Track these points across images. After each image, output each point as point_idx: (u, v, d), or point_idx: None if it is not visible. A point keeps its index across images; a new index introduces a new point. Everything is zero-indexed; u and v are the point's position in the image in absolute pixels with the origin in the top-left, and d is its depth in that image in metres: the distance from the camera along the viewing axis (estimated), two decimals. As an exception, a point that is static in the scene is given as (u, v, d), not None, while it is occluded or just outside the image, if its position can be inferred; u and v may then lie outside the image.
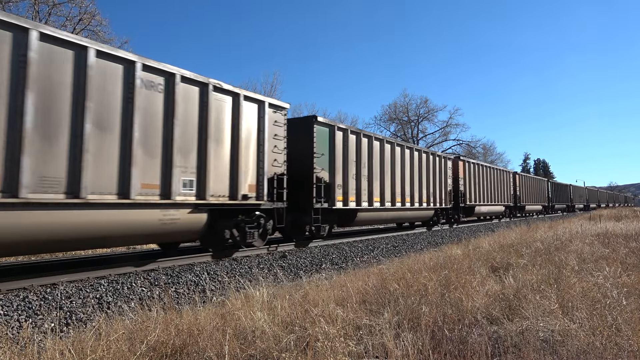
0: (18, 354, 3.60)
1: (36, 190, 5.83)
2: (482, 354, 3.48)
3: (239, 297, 5.29)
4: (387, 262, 9.92)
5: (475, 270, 6.76)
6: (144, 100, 7.21)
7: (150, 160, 7.31)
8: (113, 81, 6.85)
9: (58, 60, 6.19)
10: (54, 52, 6.15)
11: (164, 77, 7.56)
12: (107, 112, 6.75)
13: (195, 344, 3.74)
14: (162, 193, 7.46)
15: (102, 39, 23.88)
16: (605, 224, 17.88)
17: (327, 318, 4.22)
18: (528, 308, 4.61)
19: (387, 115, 58.66)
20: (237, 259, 9.08)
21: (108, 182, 6.69)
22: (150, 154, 7.33)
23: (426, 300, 4.94)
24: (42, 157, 5.93)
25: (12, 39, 5.73)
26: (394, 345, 3.64)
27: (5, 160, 5.61)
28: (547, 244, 10.47)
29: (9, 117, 5.65)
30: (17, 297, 5.51)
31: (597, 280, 5.78)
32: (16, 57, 5.75)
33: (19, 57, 5.76)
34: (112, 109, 6.82)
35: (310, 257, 10.06)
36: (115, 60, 6.90)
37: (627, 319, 4.26)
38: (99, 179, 6.56)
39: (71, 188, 6.22)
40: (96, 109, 6.55)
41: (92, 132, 6.48)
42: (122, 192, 6.84)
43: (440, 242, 15.33)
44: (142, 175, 7.16)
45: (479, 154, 58.77)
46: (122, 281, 6.61)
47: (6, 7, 21.00)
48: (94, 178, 6.48)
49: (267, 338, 3.82)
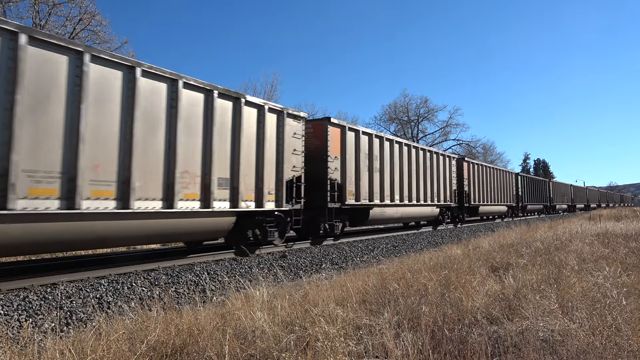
0: (18, 353, 3.60)
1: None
2: (482, 353, 3.48)
3: (239, 297, 5.29)
4: (387, 262, 9.92)
5: (475, 270, 6.75)
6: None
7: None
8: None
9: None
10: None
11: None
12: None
13: (195, 344, 3.74)
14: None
15: (102, 39, 23.90)
16: (605, 224, 17.88)
17: (327, 318, 4.22)
18: (528, 308, 4.60)
19: (387, 115, 58.74)
20: (237, 259, 9.11)
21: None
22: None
23: (426, 300, 4.94)
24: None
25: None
26: (394, 345, 3.64)
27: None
28: (547, 243, 10.46)
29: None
30: (17, 297, 5.51)
31: (597, 280, 5.78)
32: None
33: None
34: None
35: (310, 257, 10.06)
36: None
37: (627, 319, 4.26)
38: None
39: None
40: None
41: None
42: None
43: (440, 242, 15.33)
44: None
45: (479, 154, 58.79)
46: (122, 281, 6.61)
47: (6, 7, 21.00)
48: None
49: (267, 338, 3.82)
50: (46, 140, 5.91)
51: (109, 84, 6.72)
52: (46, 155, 5.91)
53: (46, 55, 5.99)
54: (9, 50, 5.60)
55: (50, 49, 6.04)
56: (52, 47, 6.06)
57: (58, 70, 6.11)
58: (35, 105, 5.82)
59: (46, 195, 5.89)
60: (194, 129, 8.07)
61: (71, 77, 6.21)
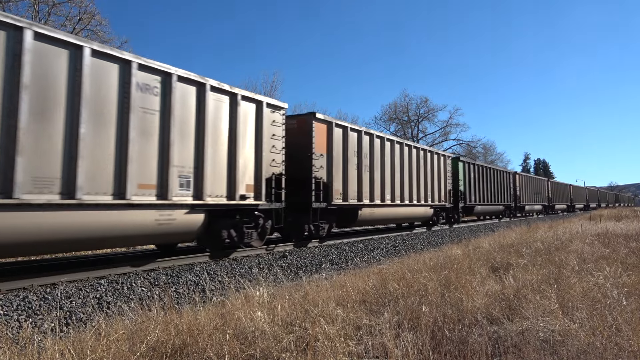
0: (18, 354, 3.60)
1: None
2: (482, 354, 3.47)
3: (239, 297, 5.29)
4: (387, 262, 9.92)
5: (476, 270, 6.75)
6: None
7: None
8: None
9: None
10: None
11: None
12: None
13: (195, 344, 3.73)
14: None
15: (101, 38, 23.88)
16: (605, 224, 17.88)
17: (327, 318, 4.22)
18: (528, 308, 4.60)
19: (387, 115, 58.70)
20: (237, 259, 9.09)
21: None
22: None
23: (426, 300, 4.93)
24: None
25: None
26: (394, 345, 3.63)
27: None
28: (547, 244, 10.46)
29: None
30: (17, 297, 5.50)
31: (597, 280, 5.78)
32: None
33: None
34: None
35: (310, 257, 10.06)
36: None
37: (628, 319, 4.25)
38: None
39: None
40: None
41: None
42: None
43: (440, 242, 15.33)
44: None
45: (479, 153, 58.79)
46: (122, 281, 6.61)
47: (6, 7, 20.99)
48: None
49: (267, 338, 3.82)
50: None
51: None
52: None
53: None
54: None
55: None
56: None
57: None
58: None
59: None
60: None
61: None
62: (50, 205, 5.91)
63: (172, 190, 7.53)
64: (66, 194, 6.09)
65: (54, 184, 5.98)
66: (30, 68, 5.79)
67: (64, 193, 6.08)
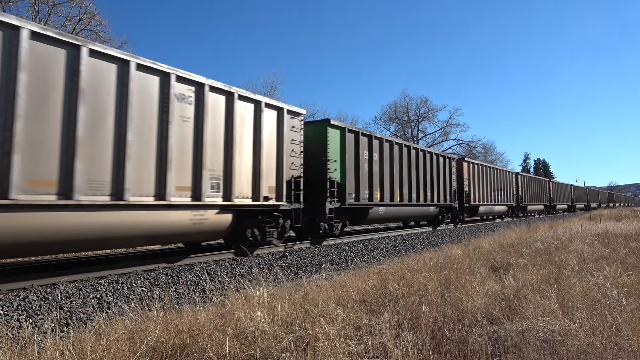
0: (18, 354, 3.60)
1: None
2: (482, 354, 3.47)
3: (239, 297, 5.29)
4: (387, 262, 9.92)
5: (476, 270, 6.75)
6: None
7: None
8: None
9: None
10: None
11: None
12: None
13: (195, 344, 3.73)
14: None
15: (102, 38, 23.89)
16: (605, 224, 17.88)
17: (327, 318, 4.22)
18: (528, 308, 4.60)
19: (387, 115, 58.76)
20: (237, 259, 9.11)
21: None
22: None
23: (426, 300, 4.93)
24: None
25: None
26: (394, 345, 3.63)
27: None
28: (547, 244, 10.46)
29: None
30: (17, 297, 5.50)
31: (597, 280, 5.78)
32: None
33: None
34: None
35: (310, 257, 10.06)
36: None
37: (627, 319, 4.25)
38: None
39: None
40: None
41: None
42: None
43: (440, 242, 15.33)
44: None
45: (479, 153, 58.78)
46: (122, 281, 6.61)
47: (6, 7, 20.99)
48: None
49: (267, 338, 3.82)
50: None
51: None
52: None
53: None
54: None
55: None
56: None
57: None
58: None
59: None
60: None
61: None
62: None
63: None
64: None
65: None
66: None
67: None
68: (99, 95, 6.55)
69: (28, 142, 5.69)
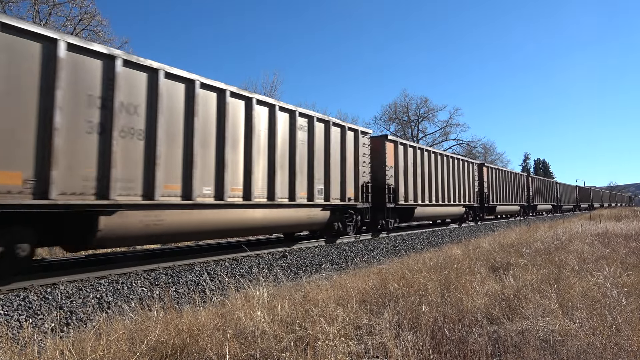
0: (18, 353, 3.60)
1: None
2: (482, 353, 3.47)
3: (239, 297, 5.29)
4: (387, 262, 9.93)
5: (476, 270, 6.75)
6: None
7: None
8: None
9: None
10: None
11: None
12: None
13: (195, 344, 3.73)
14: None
15: (102, 39, 23.87)
16: (605, 223, 17.88)
17: (327, 318, 4.22)
18: (528, 308, 4.60)
19: (387, 115, 58.67)
20: (237, 258, 9.11)
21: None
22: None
23: (426, 300, 4.94)
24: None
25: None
26: (394, 345, 3.64)
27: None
28: (547, 244, 10.46)
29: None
30: (17, 297, 5.51)
31: (597, 280, 5.78)
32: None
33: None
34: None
35: (310, 257, 10.06)
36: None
37: (627, 319, 4.25)
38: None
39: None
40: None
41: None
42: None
43: (440, 242, 15.33)
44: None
45: (479, 153, 58.72)
46: (122, 281, 6.61)
47: (6, 7, 20.99)
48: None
49: (267, 338, 3.82)
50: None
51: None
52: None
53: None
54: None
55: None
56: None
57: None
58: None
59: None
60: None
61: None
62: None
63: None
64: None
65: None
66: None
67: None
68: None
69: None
